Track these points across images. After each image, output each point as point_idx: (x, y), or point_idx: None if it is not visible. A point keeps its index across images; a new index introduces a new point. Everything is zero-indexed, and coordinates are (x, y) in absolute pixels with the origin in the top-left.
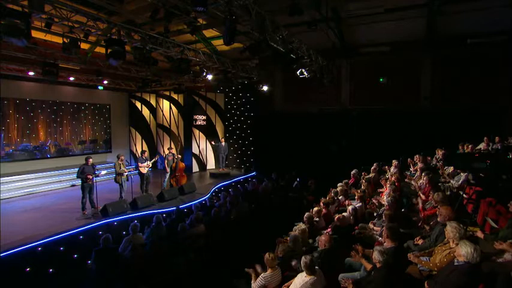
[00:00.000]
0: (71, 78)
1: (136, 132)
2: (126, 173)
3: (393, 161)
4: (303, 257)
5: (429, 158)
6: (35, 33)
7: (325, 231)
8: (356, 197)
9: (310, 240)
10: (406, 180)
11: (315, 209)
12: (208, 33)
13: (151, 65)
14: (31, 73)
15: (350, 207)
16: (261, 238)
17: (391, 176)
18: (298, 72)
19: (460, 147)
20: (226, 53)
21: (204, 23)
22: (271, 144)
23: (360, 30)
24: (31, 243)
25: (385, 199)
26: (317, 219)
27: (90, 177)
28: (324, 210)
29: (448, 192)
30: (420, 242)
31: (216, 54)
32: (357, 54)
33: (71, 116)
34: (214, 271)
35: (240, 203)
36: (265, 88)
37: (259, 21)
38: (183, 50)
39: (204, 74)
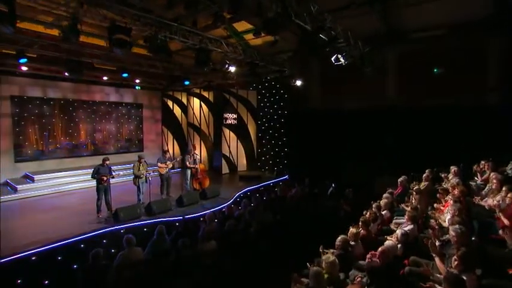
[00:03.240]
0: (105, 78)
1: (168, 132)
2: (144, 175)
3: (452, 167)
4: None
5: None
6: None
7: (363, 263)
8: (406, 217)
9: (342, 275)
10: (474, 198)
11: (352, 230)
12: (241, 26)
13: (166, 55)
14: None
15: (398, 232)
16: (284, 258)
17: (453, 187)
18: (333, 59)
19: None
20: (259, 47)
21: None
22: (305, 145)
23: (410, 12)
24: (28, 250)
25: (446, 220)
26: (353, 243)
27: (105, 178)
28: (362, 231)
29: None
30: None
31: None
32: (407, 40)
33: (109, 115)
34: None
35: (262, 213)
36: (298, 83)
37: None
38: (201, 39)
39: (226, 66)
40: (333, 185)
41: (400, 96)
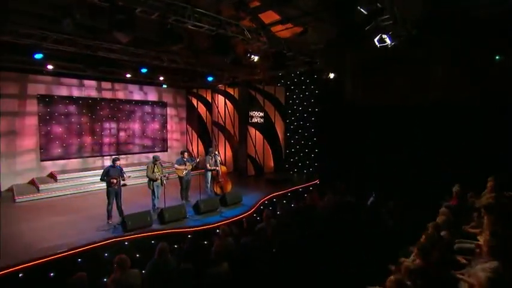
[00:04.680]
0: (128, 75)
1: (193, 131)
2: (159, 178)
3: None
4: None
5: None
6: None
7: None
8: (485, 248)
9: None
10: None
11: (405, 264)
12: (268, 17)
13: (175, 43)
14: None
15: (482, 275)
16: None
17: None
18: (376, 40)
19: None
20: (287, 40)
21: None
22: (339, 147)
23: None
24: (15, 266)
25: None
26: (410, 283)
27: (115, 181)
28: (419, 261)
29: None
30: None
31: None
32: (457, 22)
33: (133, 114)
34: None
35: (287, 226)
36: (331, 76)
37: None
38: (220, 24)
39: (249, 55)
40: (373, 194)
41: (448, 89)
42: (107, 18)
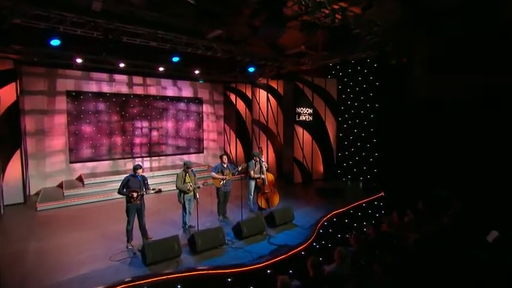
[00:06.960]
0: (161, 69)
1: (231, 130)
2: (192, 189)
3: None
4: None
5: None
6: None
7: None
8: None
9: None
10: None
11: None
12: None
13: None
14: (122, 65)
15: None
16: None
17: None
18: None
19: None
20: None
21: None
22: (408, 151)
23: None
24: None
25: None
26: None
27: (135, 195)
28: None
29: None
30: None
31: None
32: None
33: (166, 111)
34: None
35: (370, 269)
36: (403, 61)
37: None
38: None
39: (313, 29)
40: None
41: None
42: None
